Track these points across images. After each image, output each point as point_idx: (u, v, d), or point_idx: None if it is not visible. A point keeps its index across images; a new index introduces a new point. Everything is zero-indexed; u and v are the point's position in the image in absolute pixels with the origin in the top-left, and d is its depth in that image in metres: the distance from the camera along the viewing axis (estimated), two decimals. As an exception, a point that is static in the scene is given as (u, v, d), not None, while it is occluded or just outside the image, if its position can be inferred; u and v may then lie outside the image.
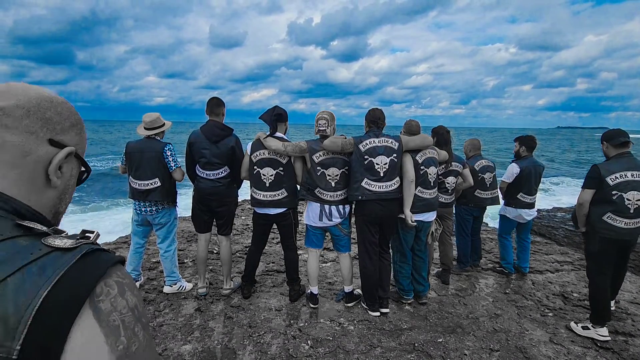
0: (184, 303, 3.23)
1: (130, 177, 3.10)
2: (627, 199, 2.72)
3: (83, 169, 0.63)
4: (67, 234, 0.50)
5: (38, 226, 0.48)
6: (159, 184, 3.06)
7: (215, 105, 3.10)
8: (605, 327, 2.86)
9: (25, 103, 0.53)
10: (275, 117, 3.04)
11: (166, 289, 3.38)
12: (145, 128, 3.11)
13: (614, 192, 2.75)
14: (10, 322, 0.38)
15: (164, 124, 3.19)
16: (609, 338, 2.82)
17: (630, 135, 2.92)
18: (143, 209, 3.16)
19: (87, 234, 0.51)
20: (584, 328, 2.92)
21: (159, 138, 3.16)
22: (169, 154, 3.06)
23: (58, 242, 0.46)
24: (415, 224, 3.03)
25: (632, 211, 2.72)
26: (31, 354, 0.38)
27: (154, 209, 3.16)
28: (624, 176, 2.74)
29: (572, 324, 3.01)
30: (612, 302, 3.29)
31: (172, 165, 3.07)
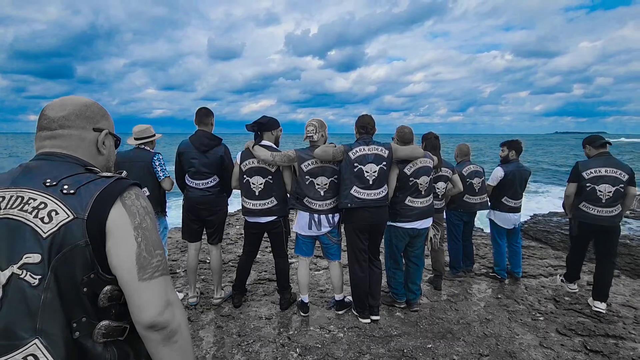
0: (175, 313, 3.22)
1: None
2: (599, 191, 3.24)
3: (116, 139, 1.07)
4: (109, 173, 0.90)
5: (95, 169, 0.92)
6: (147, 193, 3.08)
7: (203, 115, 3.14)
8: (574, 284, 3.75)
9: (74, 110, 0.93)
10: (257, 126, 3.07)
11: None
12: (135, 138, 3.16)
13: (587, 185, 3.30)
14: (84, 203, 0.79)
15: (153, 134, 3.23)
16: (577, 290, 3.74)
17: (628, 139, 3.12)
18: None
19: (119, 172, 0.96)
20: (562, 281, 3.86)
21: (148, 148, 3.20)
22: (157, 163, 3.08)
23: (105, 174, 0.88)
24: None
25: (603, 201, 3.24)
26: (92, 219, 0.79)
27: None
28: (598, 171, 3.27)
29: (557, 277, 3.97)
30: (604, 304, 3.31)
31: (161, 174, 3.09)
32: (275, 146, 3.14)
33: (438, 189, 3.61)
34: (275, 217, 3.12)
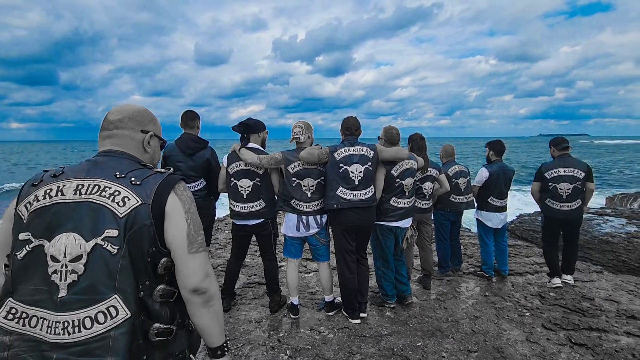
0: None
1: None
2: (560, 188, 3.71)
3: (161, 142, 1.29)
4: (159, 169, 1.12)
5: (149, 165, 1.15)
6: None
7: (189, 118, 3.12)
8: (556, 278, 3.90)
9: (127, 114, 1.17)
10: (243, 128, 3.06)
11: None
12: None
13: (550, 184, 3.77)
14: (148, 192, 1.01)
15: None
16: (560, 284, 3.86)
17: (608, 141, 3.32)
18: None
19: (167, 168, 1.14)
20: (548, 281, 3.99)
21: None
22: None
23: (159, 170, 1.09)
24: None
25: (564, 197, 3.70)
26: (155, 204, 1.01)
27: None
28: (557, 172, 3.73)
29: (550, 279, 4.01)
30: (570, 277, 3.92)
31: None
32: (262, 148, 3.14)
33: (425, 189, 3.66)
34: (263, 219, 3.11)
